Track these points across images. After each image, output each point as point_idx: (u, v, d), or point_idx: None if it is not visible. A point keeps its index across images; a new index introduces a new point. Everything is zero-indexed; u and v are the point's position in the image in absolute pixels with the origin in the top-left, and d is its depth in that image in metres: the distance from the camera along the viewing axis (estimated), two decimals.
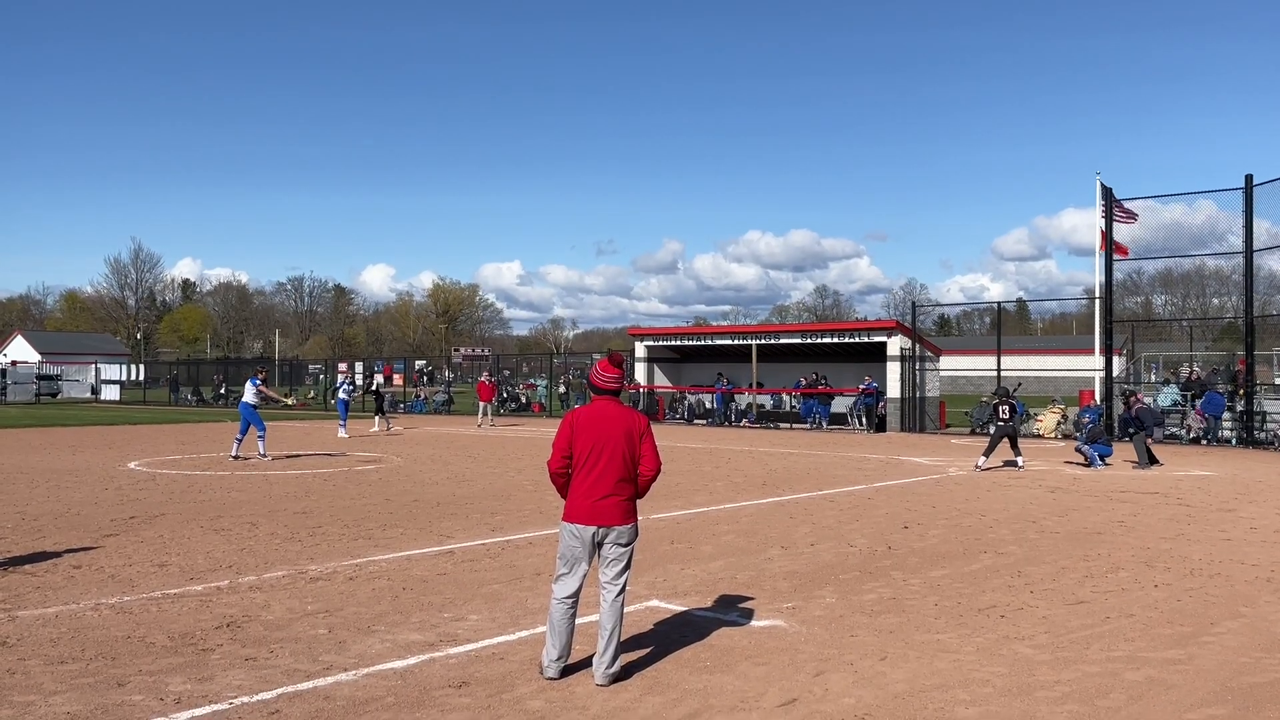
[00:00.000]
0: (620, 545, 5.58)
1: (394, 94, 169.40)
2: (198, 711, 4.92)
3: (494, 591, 7.68)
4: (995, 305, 37.72)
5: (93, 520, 11.17)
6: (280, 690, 5.26)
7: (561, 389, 42.90)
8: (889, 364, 30.53)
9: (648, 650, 6.09)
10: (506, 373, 53.94)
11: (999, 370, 29.23)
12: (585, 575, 5.60)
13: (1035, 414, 29.12)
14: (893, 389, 30.40)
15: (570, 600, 5.53)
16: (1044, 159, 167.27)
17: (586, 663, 5.68)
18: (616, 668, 5.47)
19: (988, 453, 18.35)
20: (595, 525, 5.52)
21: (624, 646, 6.00)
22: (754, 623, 6.79)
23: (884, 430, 29.82)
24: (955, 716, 4.97)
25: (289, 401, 24.72)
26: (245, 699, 5.12)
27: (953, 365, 51.43)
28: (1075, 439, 19.83)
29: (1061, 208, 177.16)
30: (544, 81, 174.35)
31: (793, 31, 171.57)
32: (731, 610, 7.14)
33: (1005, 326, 37.15)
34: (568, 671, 5.57)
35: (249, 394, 19.48)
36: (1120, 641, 6.40)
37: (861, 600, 7.50)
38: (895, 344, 30.59)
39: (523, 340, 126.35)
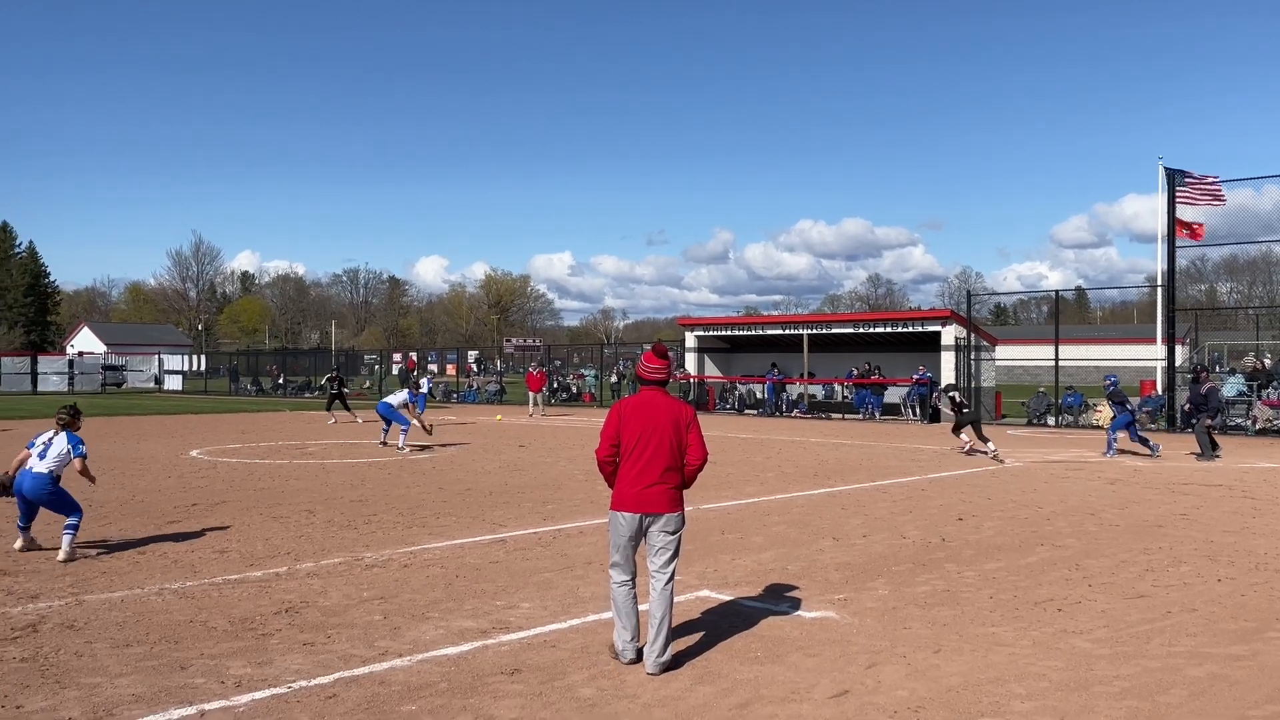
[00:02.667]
0: (667, 533, 5.63)
1: (448, 89, 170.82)
2: (257, 695, 5.03)
3: (546, 580, 7.74)
4: (1053, 294, 37.04)
5: (156, 507, 11.46)
6: (337, 675, 5.35)
7: (613, 379, 43.01)
8: (943, 354, 30.12)
9: (698, 640, 6.09)
10: (557, 363, 54.17)
11: (1056, 360, 28.71)
12: (635, 562, 5.69)
13: (1094, 404, 28.54)
14: (947, 379, 29.97)
15: (629, 584, 5.63)
16: (1104, 144, 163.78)
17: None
18: (667, 656, 5.52)
19: (957, 432, 19.60)
20: (642, 513, 5.58)
21: (675, 636, 6.02)
22: (805, 614, 6.76)
23: (938, 421, 29.45)
24: (1011, 710, 4.90)
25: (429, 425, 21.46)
26: (303, 683, 5.22)
27: (1009, 355, 50.62)
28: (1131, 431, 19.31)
29: (1123, 194, 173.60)
30: (595, 74, 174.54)
31: (845, 20, 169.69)
32: (782, 601, 7.11)
33: (1064, 315, 36.47)
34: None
35: (398, 398, 20.02)
36: (1182, 636, 6.26)
37: (914, 592, 7.43)
38: (950, 333, 30.17)
39: (574, 330, 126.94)
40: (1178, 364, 27.54)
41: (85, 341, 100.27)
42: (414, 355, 50.39)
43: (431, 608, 6.83)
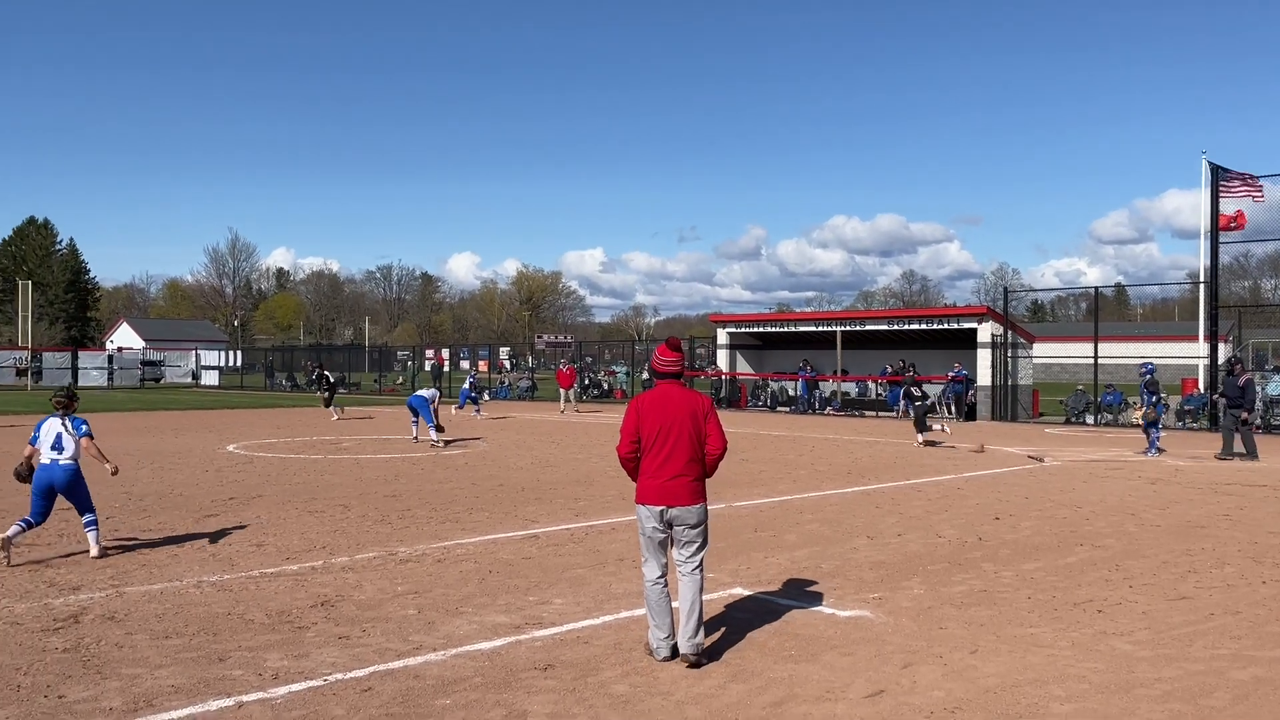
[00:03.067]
0: (690, 526, 5.67)
1: (481, 87, 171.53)
2: (294, 687, 5.07)
3: (578, 576, 7.74)
4: (1093, 290, 36.55)
5: (194, 501, 11.60)
6: (372, 668, 5.38)
7: (644, 376, 42.99)
8: (979, 351, 29.82)
9: (731, 638, 6.06)
10: (589, 359, 54.27)
11: (1096, 358, 28.33)
12: (666, 554, 5.73)
13: (1134, 403, 28.14)
14: (983, 377, 29.70)
15: (662, 580, 5.65)
16: (1146, 138, 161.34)
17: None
18: (700, 637, 5.57)
19: (921, 430, 20.36)
20: (666, 505, 5.63)
21: (708, 632, 6.03)
22: (839, 612, 6.71)
23: (974, 419, 29.17)
24: (1050, 712, 4.83)
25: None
26: (339, 676, 5.25)
27: (1047, 352, 50.03)
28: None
29: (1164, 189, 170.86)
30: (627, 71, 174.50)
31: (880, 14, 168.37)
32: (816, 599, 7.06)
33: (1103, 312, 36.00)
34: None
35: (429, 391, 20.40)
36: (1226, 639, 6.15)
37: (950, 592, 7.35)
38: (986, 330, 29.86)
39: (605, 327, 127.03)
40: (1220, 361, 27.06)
41: (124, 337, 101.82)
42: (444, 352, 50.65)
43: (465, 603, 6.85)
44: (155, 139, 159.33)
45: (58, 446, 8.21)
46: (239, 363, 62.23)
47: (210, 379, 58.15)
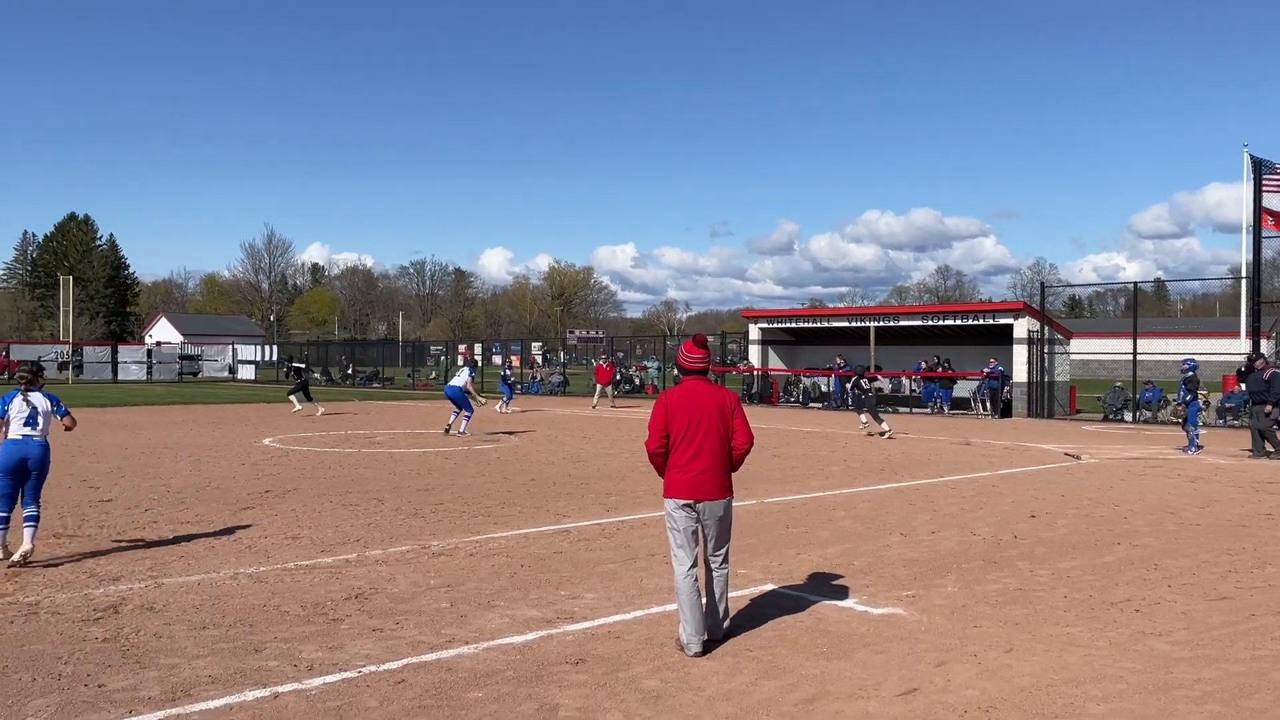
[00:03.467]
0: (718, 517, 5.80)
1: (513, 83, 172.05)
2: (329, 678, 5.12)
3: (609, 571, 7.75)
4: (1131, 285, 36.04)
5: (230, 493, 11.74)
6: (405, 661, 5.42)
7: (675, 371, 42.95)
8: (1015, 347, 29.50)
9: (763, 634, 6.04)
10: (620, 355, 54.34)
11: (1134, 354, 27.92)
12: (695, 546, 5.84)
13: (1173, 399, 27.72)
14: (1019, 373, 29.38)
15: (691, 574, 5.75)
16: (1186, 131, 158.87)
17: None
18: (728, 623, 5.90)
19: (875, 419, 21.70)
20: (694, 499, 5.75)
21: (741, 629, 6.06)
22: (872, 610, 6.66)
23: (1009, 415, 28.88)
24: (1086, 713, 4.77)
25: (482, 400, 23.25)
26: (373, 668, 5.29)
27: (1084, 348, 49.41)
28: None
29: (1205, 182, 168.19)
30: (658, 66, 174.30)
31: (913, 6, 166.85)
32: (849, 597, 7.02)
33: (1142, 308, 35.48)
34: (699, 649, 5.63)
35: (462, 377, 20.80)
36: (1267, 640, 6.04)
37: (985, 590, 7.28)
38: (1022, 326, 29.53)
39: (636, 322, 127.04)
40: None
41: (163, 331, 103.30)
42: (477, 346, 50.87)
43: (497, 596, 6.89)
44: (193, 136, 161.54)
45: (32, 422, 7.79)
46: (275, 357, 62.84)
47: (246, 373, 58.84)
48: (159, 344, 71.28)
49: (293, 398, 27.63)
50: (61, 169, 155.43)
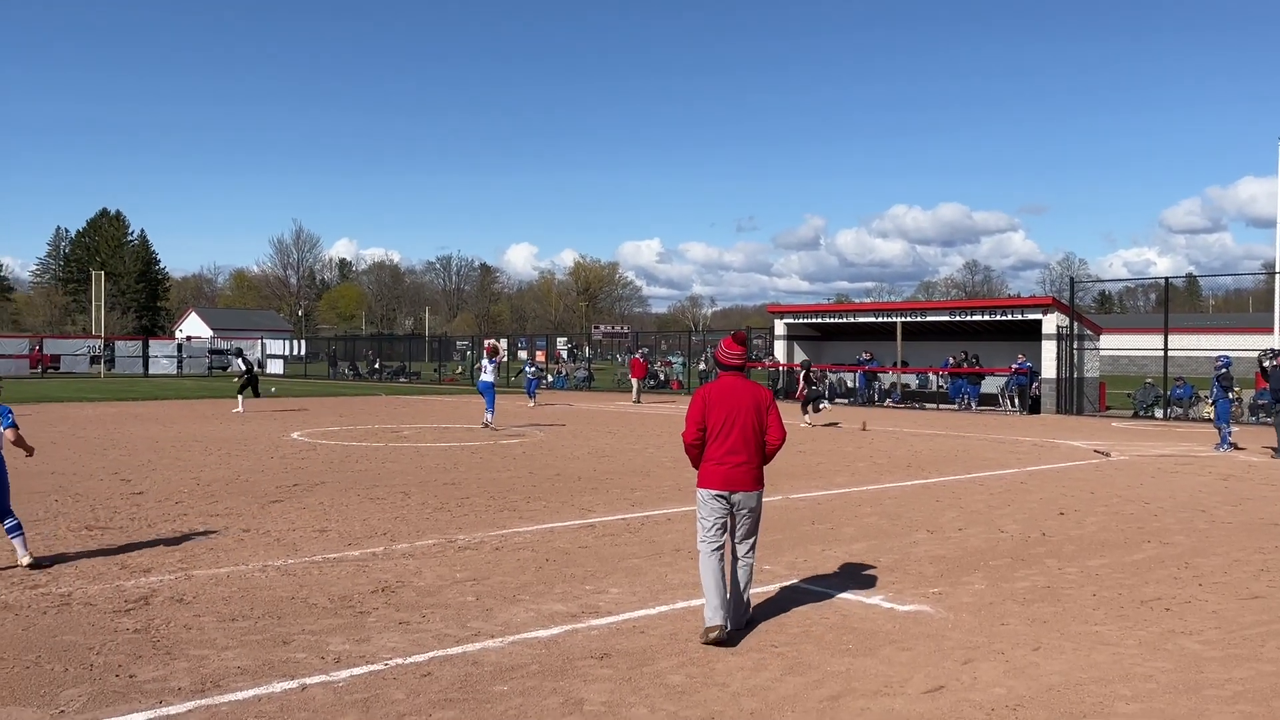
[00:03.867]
0: (749, 508, 6.00)
1: (538, 77, 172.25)
2: (356, 671, 5.16)
3: (634, 566, 7.76)
4: (1162, 281, 35.59)
5: (259, 487, 11.85)
6: (431, 654, 5.45)
7: (700, 366, 42.84)
8: (1044, 343, 29.22)
9: (788, 631, 6.03)
10: (645, 350, 54.35)
11: (1165, 350, 27.59)
12: (724, 534, 6.00)
13: (1205, 396, 27.37)
14: (1048, 369, 29.11)
15: (718, 554, 5.92)
16: (1219, 124, 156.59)
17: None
18: (750, 613, 6.12)
19: (815, 410, 23.33)
20: (729, 490, 5.93)
21: (765, 624, 6.06)
22: (898, 607, 6.63)
23: (1038, 412, 28.62)
24: (1115, 712, 4.72)
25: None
26: (399, 660, 5.33)
27: (1114, 345, 48.90)
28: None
29: (1238, 176, 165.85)
30: (683, 60, 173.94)
31: None
32: (874, 593, 6.99)
33: (1173, 303, 35.01)
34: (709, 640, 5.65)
35: (489, 371, 20.95)
36: None
37: (1013, 588, 7.22)
38: (1051, 322, 29.25)
39: (661, 318, 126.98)
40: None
41: (193, 326, 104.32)
42: (496, 341, 50.99)
43: (522, 590, 6.91)
44: (223, 133, 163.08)
45: None
46: (303, 352, 63.34)
47: (275, 367, 59.33)
48: (189, 339, 72.00)
49: (240, 396, 25.41)
50: (93, 165, 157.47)
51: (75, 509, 10.10)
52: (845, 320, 35.95)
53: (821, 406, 24.18)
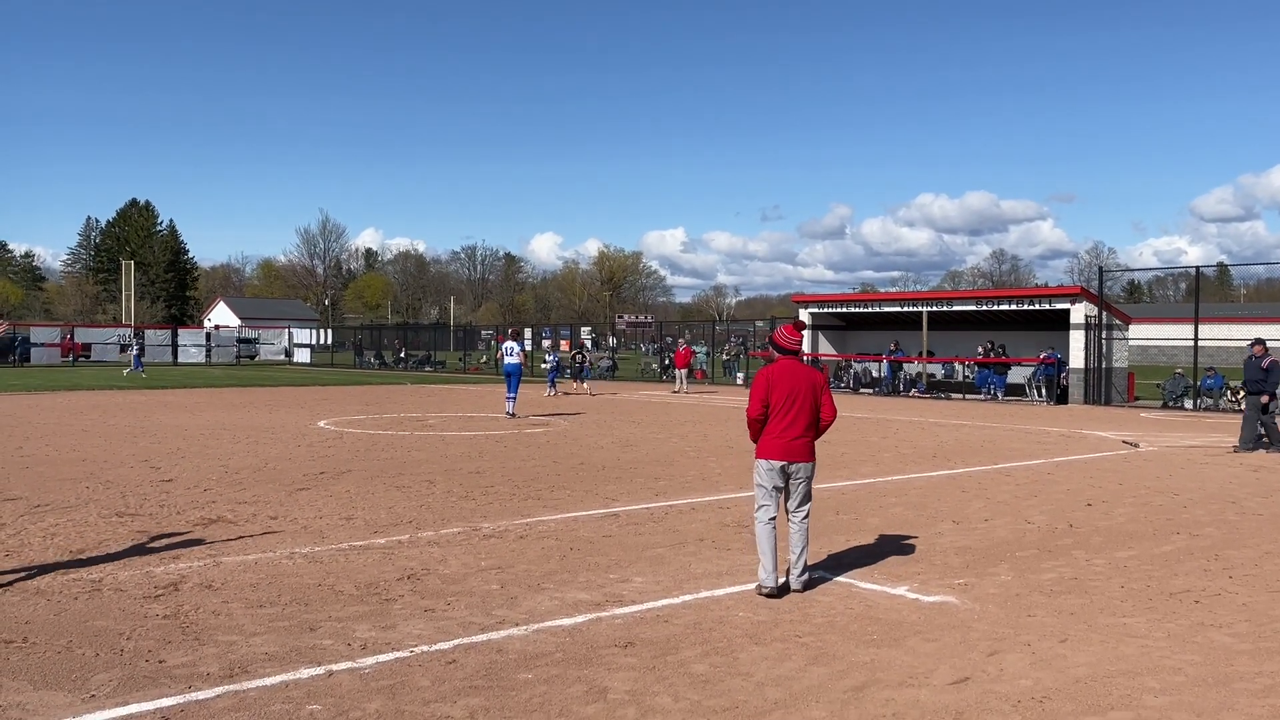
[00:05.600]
0: (804, 477, 6.74)
1: (561, 67, 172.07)
2: (382, 658, 5.19)
3: (658, 555, 7.76)
4: (1193, 270, 35.14)
5: (286, 475, 11.95)
6: (456, 641, 5.49)
7: (724, 356, 42.79)
8: (1072, 332, 28.93)
9: (813, 621, 6.01)
10: (668, 339, 54.28)
11: (1196, 340, 27.25)
12: (779, 502, 6.70)
13: (1236, 386, 27.03)
14: (1076, 359, 28.83)
15: (772, 522, 6.65)
16: (1251, 111, 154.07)
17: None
18: (807, 575, 6.72)
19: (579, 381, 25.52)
20: (787, 461, 6.65)
21: (789, 616, 6.04)
22: (923, 598, 6.60)
23: (1065, 402, 28.36)
24: (1143, 704, 4.68)
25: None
26: (425, 648, 5.36)
27: (1143, 334, 48.36)
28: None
29: (1272, 164, 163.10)
30: (707, 48, 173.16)
31: None
32: (899, 584, 6.96)
33: (1204, 292, 34.56)
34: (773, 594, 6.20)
35: (518, 355, 21.13)
36: None
37: (1039, 579, 7.17)
38: (1079, 311, 28.95)
39: (685, 307, 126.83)
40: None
41: (221, 315, 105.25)
42: (527, 330, 51.03)
43: (546, 579, 6.93)
44: (250, 123, 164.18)
45: None
46: (329, 341, 63.77)
47: (302, 356, 59.76)
48: (217, 328, 72.65)
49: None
50: (123, 156, 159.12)
51: (106, 496, 10.23)
52: (870, 310, 35.75)
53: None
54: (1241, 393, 18.79)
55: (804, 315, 36.22)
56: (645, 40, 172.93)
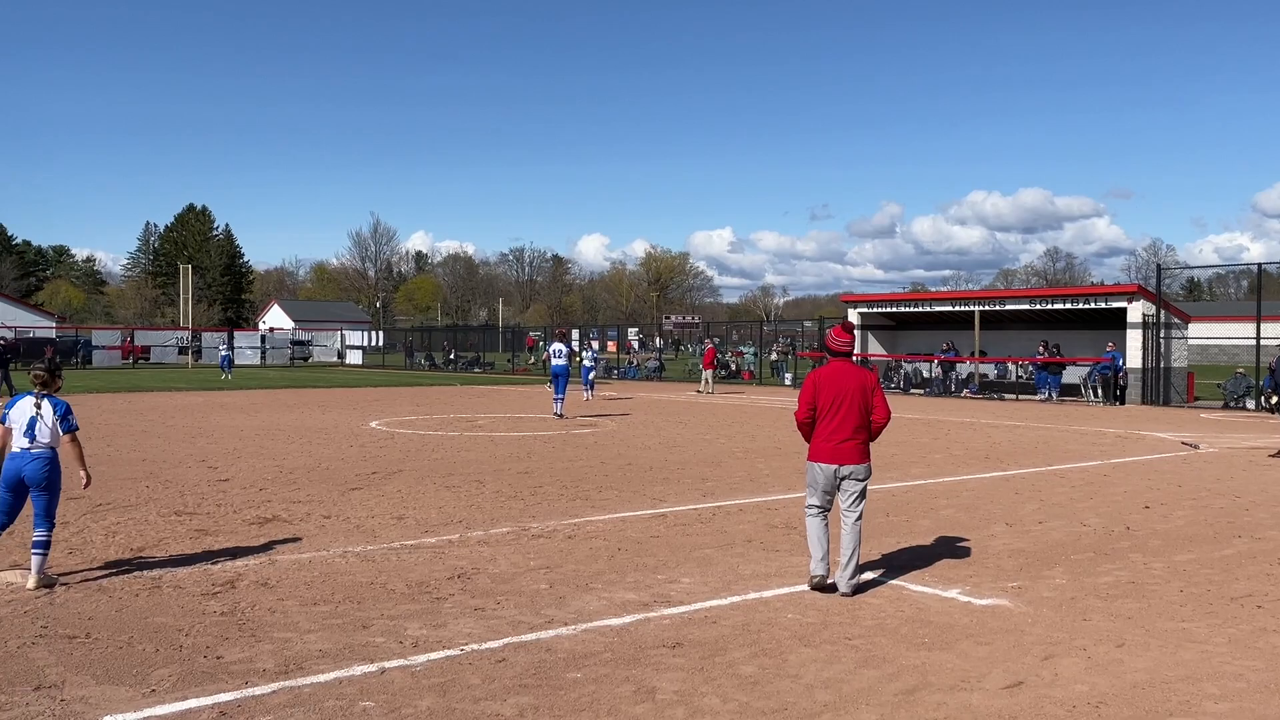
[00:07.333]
0: (856, 480, 6.68)
1: (606, 68, 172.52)
2: (433, 656, 5.25)
3: (705, 556, 7.75)
4: (1255, 267, 34.25)
5: (339, 474, 12.13)
6: (506, 640, 5.53)
7: (772, 356, 42.59)
8: (1129, 331, 28.36)
9: (863, 623, 5.96)
10: (716, 339, 54.19)
11: (1259, 338, 26.56)
12: (830, 502, 6.72)
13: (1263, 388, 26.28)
14: (1133, 359, 28.25)
15: (822, 514, 6.70)
16: None
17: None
18: (858, 579, 6.63)
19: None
20: (836, 464, 6.61)
21: (837, 618, 5.98)
22: (975, 600, 6.51)
23: (1123, 403, 27.81)
24: (1203, 711, 4.58)
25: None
26: (474, 646, 5.41)
27: (1203, 333, 47.26)
28: None
29: None
30: (755, 45, 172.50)
31: None
32: (951, 586, 6.88)
33: (1267, 290, 33.68)
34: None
35: (565, 357, 21.23)
36: None
37: (1095, 583, 7.04)
38: (1137, 310, 28.37)
39: (733, 308, 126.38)
40: None
41: (275, 318, 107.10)
42: (574, 332, 51.25)
43: (594, 579, 6.96)
44: (302, 129, 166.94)
45: (30, 433, 6.54)
46: (381, 343, 64.62)
47: (354, 358, 60.63)
48: (272, 330, 73.91)
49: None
50: (180, 162, 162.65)
51: (165, 495, 10.46)
52: (921, 309, 35.36)
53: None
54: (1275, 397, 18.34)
55: (853, 315, 35.93)
56: (692, 39, 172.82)
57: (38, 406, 6.60)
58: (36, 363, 6.91)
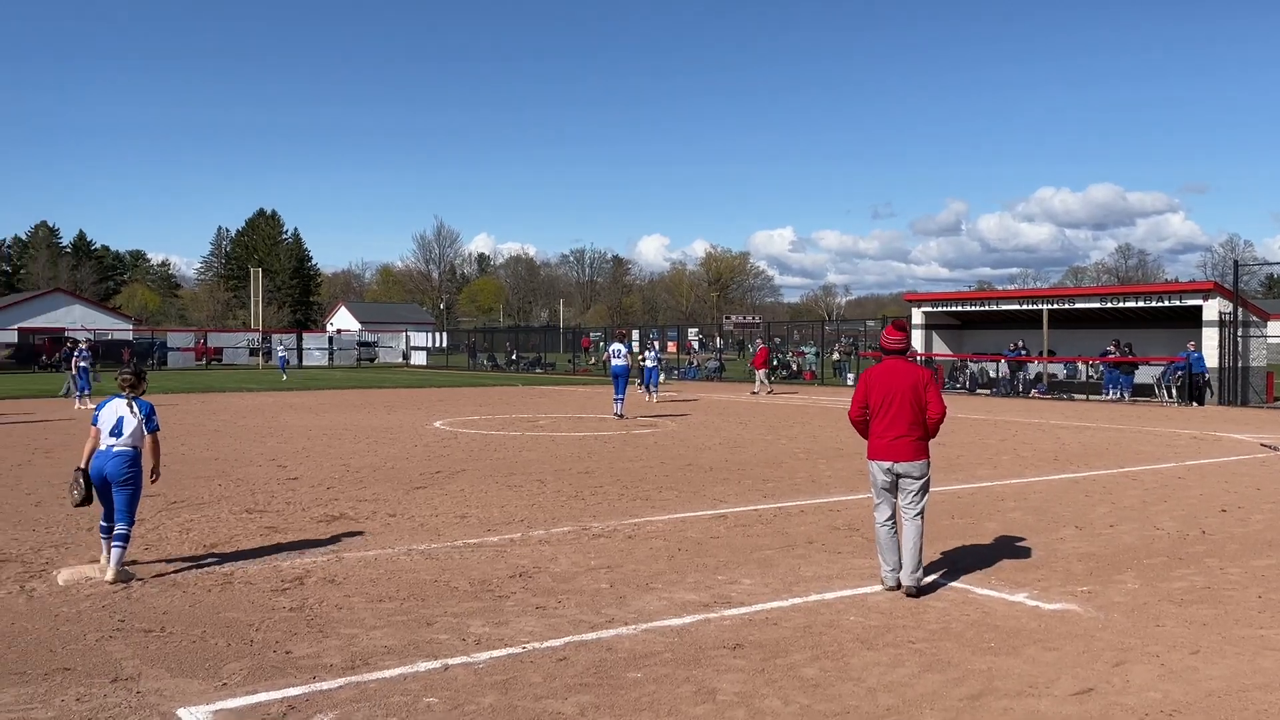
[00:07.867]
0: (913, 478, 6.67)
1: (668, 69, 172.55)
2: (495, 653, 5.31)
3: (766, 557, 7.71)
4: None
5: (404, 474, 12.31)
6: (567, 639, 5.56)
7: (834, 356, 42.19)
8: (1205, 330, 27.52)
9: (927, 627, 5.88)
10: (777, 340, 53.85)
11: None
12: (894, 502, 6.70)
13: None
14: (1209, 358, 27.41)
15: (889, 522, 6.66)
16: None
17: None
18: (920, 574, 6.62)
19: None
20: (891, 460, 6.65)
21: (901, 621, 5.92)
22: (1044, 605, 6.38)
23: (1201, 403, 27.01)
24: None
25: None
26: (536, 644, 5.46)
27: None
28: None
29: None
30: (817, 43, 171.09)
31: None
32: (1018, 590, 6.75)
33: None
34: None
35: (625, 357, 21.49)
36: None
37: (1169, 588, 6.85)
38: (1213, 307, 27.52)
39: (794, 307, 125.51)
40: None
41: (342, 320, 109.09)
42: (634, 332, 51.33)
43: (655, 579, 6.97)
44: (368, 134, 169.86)
45: (117, 431, 6.86)
46: (444, 344, 65.46)
47: (419, 359, 61.51)
48: (339, 332, 75.33)
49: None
50: (251, 167, 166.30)
51: (236, 493, 10.73)
52: (987, 308, 34.73)
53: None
54: None
55: (916, 314, 35.44)
56: (753, 38, 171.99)
57: (128, 407, 6.96)
58: (124, 368, 7.25)
